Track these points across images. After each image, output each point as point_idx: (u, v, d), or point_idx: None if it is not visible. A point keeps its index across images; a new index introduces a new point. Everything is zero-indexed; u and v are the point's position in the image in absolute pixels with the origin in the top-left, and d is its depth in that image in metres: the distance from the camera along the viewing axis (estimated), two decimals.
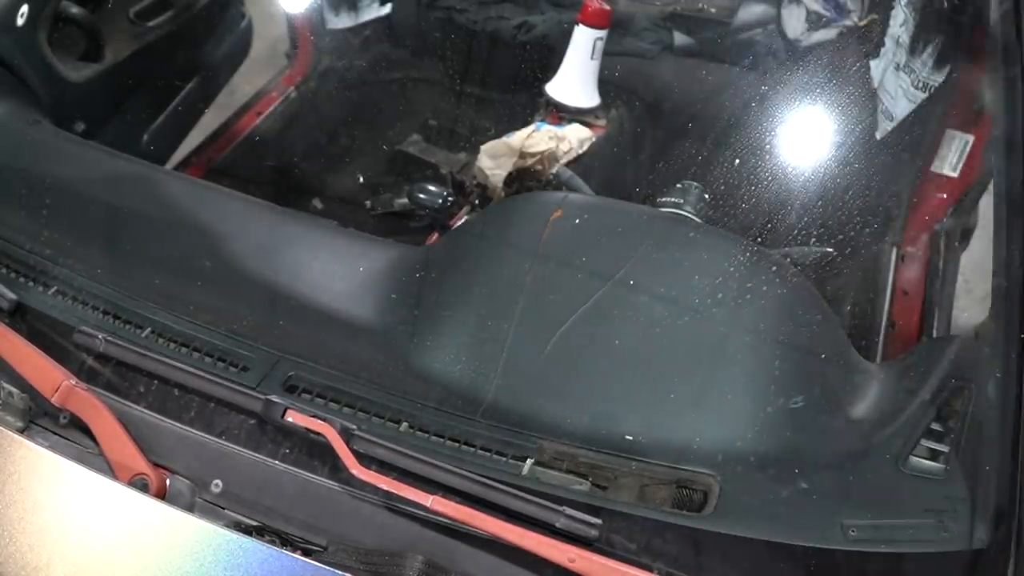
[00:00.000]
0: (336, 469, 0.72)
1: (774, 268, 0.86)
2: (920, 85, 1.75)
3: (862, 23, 1.78)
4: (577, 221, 0.84)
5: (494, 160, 1.34)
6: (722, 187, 1.22)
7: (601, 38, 1.44)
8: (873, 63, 1.79)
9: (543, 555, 0.65)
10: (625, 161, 1.57)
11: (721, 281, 0.83)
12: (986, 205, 1.73)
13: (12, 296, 0.89)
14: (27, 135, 1.23)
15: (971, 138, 1.65)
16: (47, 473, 0.71)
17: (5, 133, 1.22)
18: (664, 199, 1.13)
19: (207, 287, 0.95)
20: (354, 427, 0.73)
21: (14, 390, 0.79)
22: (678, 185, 1.16)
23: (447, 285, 0.89)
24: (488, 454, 0.75)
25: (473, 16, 2.10)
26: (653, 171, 1.54)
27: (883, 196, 1.52)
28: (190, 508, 0.73)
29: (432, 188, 1.38)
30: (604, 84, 1.50)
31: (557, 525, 0.66)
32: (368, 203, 1.58)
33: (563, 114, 1.47)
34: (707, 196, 1.13)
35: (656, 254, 0.84)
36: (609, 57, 1.49)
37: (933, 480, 0.69)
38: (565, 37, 1.49)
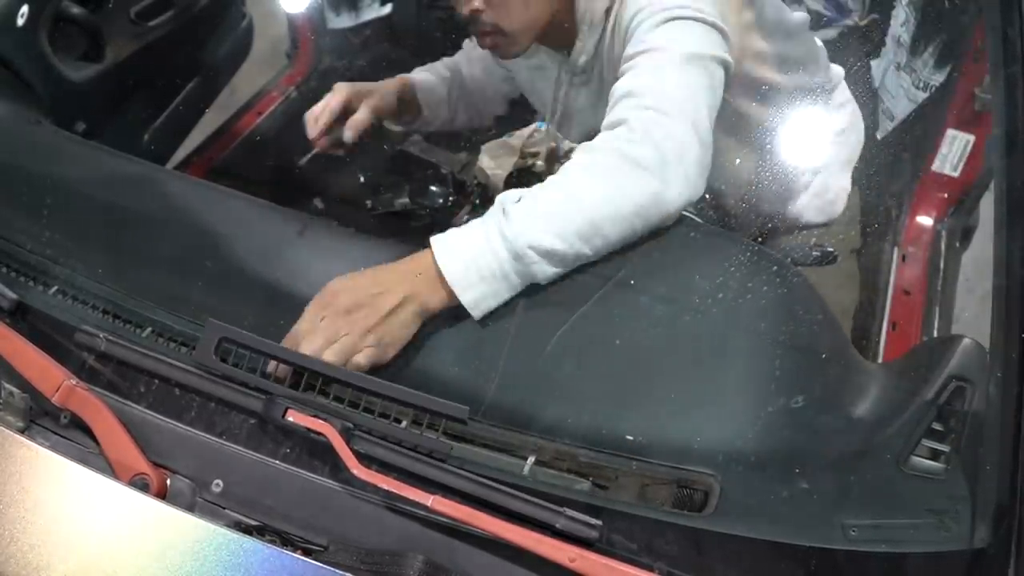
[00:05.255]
0: (337, 469, 0.72)
1: (774, 268, 0.86)
2: (921, 85, 1.75)
3: (863, 23, 1.78)
4: None
5: (494, 160, 1.34)
6: (723, 187, 1.22)
7: None
8: (874, 63, 1.79)
9: (543, 555, 0.65)
10: None
11: (721, 281, 0.83)
12: (987, 204, 1.73)
13: (13, 296, 0.89)
14: (28, 135, 1.22)
15: (971, 138, 1.65)
16: (48, 473, 0.71)
17: (6, 133, 1.22)
18: None
19: (208, 287, 0.95)
20: (354, 426, 0.73)
21: (15, 390, 0.79)
22: None
23: None
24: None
25: None
26: None
27: (884, 196, 1.51)
28: (191, 508, 0.72)
29: (433, 188, 1.38)
30: None
31: (558, 525, 0.66)
32: (369, 203, 1.57)
33: None
34: (707, 196, 1.12)
35: (656, 254, 0.84)
36: None
37: (934, 480, 0.69)
38: None
